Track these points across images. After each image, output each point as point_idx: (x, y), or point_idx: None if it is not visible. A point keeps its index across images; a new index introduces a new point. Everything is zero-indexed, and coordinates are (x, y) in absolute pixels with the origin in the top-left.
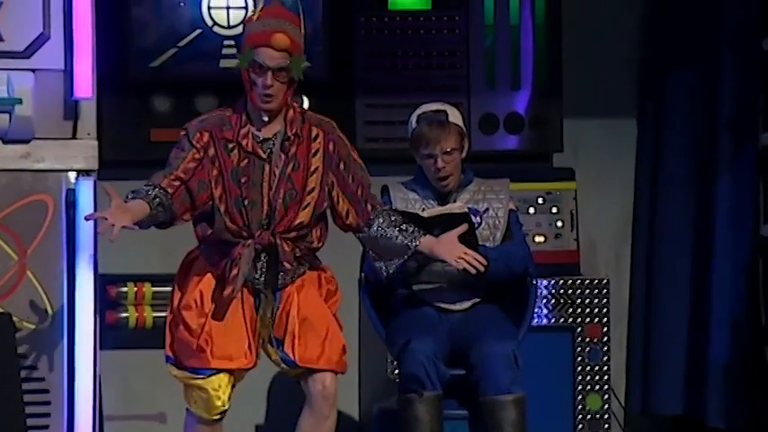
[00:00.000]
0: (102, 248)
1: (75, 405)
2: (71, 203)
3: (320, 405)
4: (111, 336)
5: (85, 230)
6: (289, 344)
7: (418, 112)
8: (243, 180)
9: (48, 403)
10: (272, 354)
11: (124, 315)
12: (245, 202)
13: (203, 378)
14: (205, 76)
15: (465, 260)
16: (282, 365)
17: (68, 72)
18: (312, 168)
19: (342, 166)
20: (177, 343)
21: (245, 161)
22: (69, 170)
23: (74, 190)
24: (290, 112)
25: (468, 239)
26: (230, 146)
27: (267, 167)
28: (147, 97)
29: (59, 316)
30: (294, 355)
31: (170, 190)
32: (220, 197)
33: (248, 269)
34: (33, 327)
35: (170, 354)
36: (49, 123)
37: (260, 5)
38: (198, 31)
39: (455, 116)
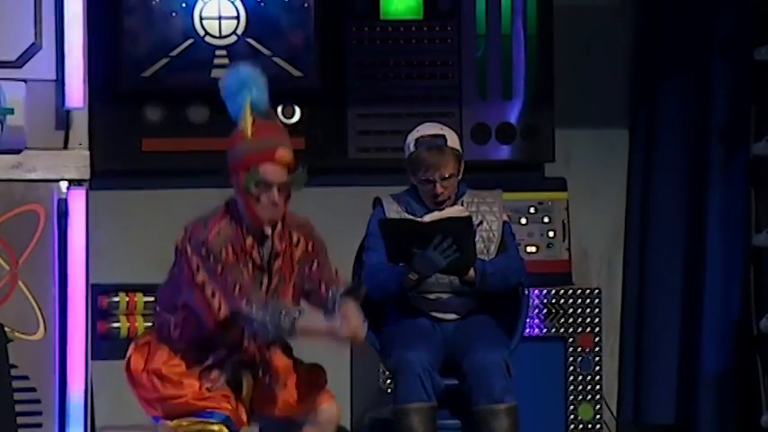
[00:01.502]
0: (94, 259)
1: (67, 415)
2: (63, 213)
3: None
4: (102, 346)
5: (77, 240)
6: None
7: (416, 135)
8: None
9: (39, 413)
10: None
11: (116, 325)
12: None
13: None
14: (197, 85)
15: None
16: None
17: (60, 82)
18: (293, 277)
19: (315, 265)
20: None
21: (253, 272)
22: (61, 180)
23: (65, 200)
24: (278, 224)
25: (467, 246)
26: (247, 258)
27: (265, 280)
28: (138, 107)
29: (51, 326)
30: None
31: None
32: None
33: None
34: (25, 337)
35: (156, 411)
36: (41, 133)
37: (248, 122)
38: (190, 41)
39: (453, 140)
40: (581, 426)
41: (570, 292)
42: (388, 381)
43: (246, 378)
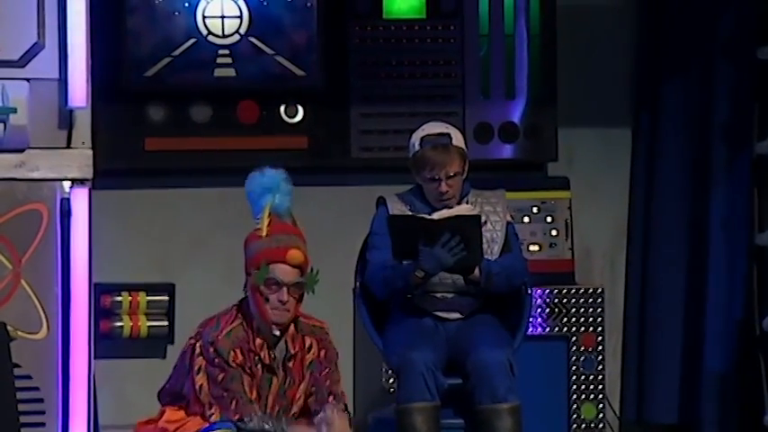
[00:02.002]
0: (97, 258)
1: (70, 414)
2: (66, 212)
3: None
4: (105, 345)
5: (80, 240)
6: None
7: (421, 134)
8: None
9: (42, 413)
10: None
11: (118, 324)
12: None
13: None
14: (200, 85)
15: None
16: None
17: (63, 81)
18: (304, 381)
19: (326, 371)
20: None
21: (262, 372)
22: (64, 179)
23: (68, 199)
24: (291, 327)
25: (474, 245)
26: (256, 358)
27: (274, 381)
28: (141, 106)
29: (54, 325)
30: None
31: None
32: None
33: None
34: (28, 336)
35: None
36: (44, 132)
37: (265, 222)
38: (192, 41)
39: (458, 139)
40: (584, 425)
41: (573, 291)
42: (391, 380)
43: None
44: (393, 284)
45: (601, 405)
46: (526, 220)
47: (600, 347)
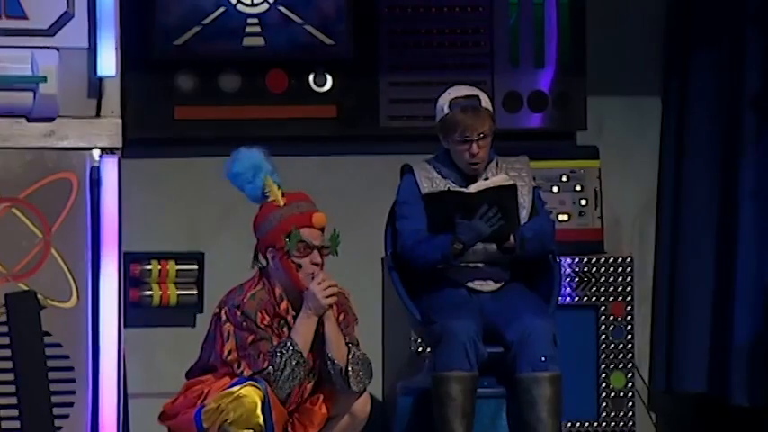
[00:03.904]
0: (127, 226)
1: (100, 382)
2: (95, 181)
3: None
4: (134, 313)
5: (110, 208)
6: None
7: (449, 97)
8: None
9: (72, 381)
10: None
11: (148, 293)
12: None
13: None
14: (229, 54)
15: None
16: None
17: (92, 50)
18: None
19: (344, 329)
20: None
21: (286, 335)
22: (93, 148)
23: (98, 168)
24: None
25: (510, 214)
26: (281, 322)
27: None
28: (170, 75)
29: (84, 294)
30: None
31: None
32: None
33: None
34: (58, 304)
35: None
36: (74, 101)
37: (278, 193)
38: (222, 9)
39: (486, 101)
40: (613, 394)
41: (602, 260)
42: (420, 349)
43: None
44: (430, 256)
45: (630, 374)
46: (555, 189)
47: (629, 316)
